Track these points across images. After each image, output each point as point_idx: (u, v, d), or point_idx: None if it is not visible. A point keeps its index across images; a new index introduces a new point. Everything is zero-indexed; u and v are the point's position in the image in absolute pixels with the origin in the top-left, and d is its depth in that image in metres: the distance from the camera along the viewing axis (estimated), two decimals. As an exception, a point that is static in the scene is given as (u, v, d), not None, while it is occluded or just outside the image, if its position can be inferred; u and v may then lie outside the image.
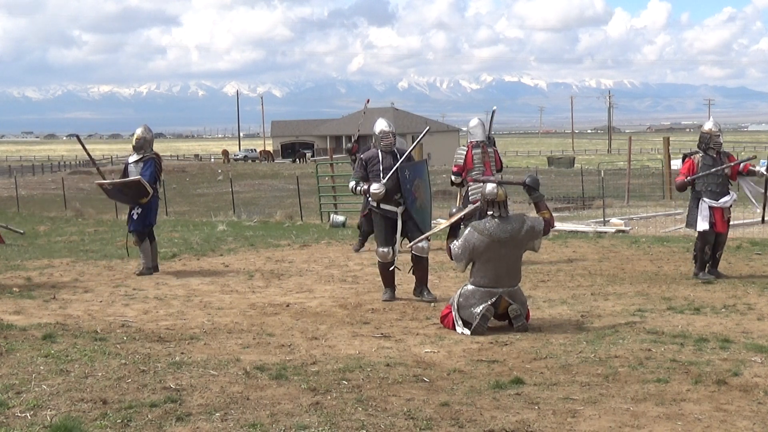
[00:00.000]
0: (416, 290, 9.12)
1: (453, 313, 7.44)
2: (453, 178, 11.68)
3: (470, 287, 7.45)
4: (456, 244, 7.54)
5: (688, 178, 10.10)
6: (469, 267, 7.56)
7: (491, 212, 7.48)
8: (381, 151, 9.06)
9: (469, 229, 7.53)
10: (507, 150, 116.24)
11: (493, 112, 12.57)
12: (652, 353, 6.42)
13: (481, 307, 7.27)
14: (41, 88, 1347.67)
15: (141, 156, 11.16)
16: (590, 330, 7.29)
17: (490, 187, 7.59)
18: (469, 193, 11.62)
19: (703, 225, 9.97)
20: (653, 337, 6.94)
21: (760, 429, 4.77)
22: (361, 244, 13.47)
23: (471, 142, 11.49)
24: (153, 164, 11.13)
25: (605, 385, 5.63)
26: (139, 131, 11.35)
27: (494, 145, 11.67)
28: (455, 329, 7.37)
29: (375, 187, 8.84)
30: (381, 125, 9.14)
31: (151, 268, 11.16)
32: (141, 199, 10.99)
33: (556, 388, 5.54)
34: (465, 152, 11.44)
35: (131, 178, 11.08)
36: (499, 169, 11.87)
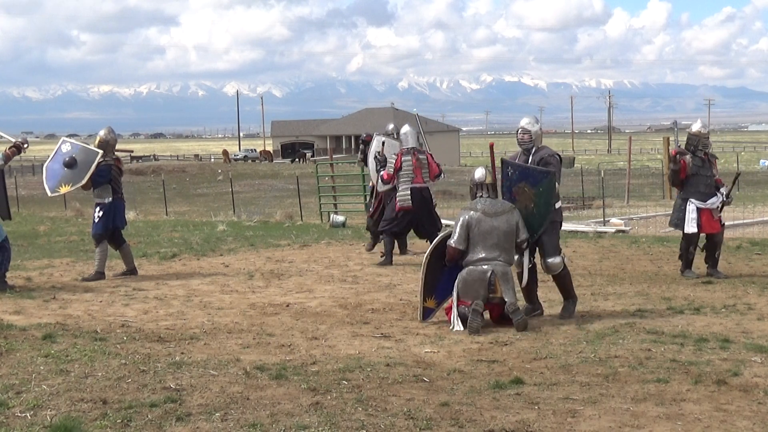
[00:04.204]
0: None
1: (453, 304, 7.60)
2: (381, 185, 11.97)
3: (466, 270, 7.66)
4: (453, 233, 7.79)
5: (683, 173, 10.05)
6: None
7: (480, 194, 7.92)
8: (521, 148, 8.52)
9: (461, 212, 7.93)
10: (507, 150, 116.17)
11: (417, 116, 12.81)
12: (652, 353, 6.43)
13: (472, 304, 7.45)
14: (41, 88, 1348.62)
15: (102, 159, 10.70)
16: (590, 330, 7.29)
17: (479, 173, 8.03)
18: (398, 199, 11.81)
19: (691, 228, 10.02)
20: (653, 337, 6.94)
21: (760, 429, 4.77)
22: (373, 245, 13.22)
23: (402, 149, 11.78)
24: (109, 171, 10.73)
25: (605, 385, 5.63)
26: (102, 133, 10.94)
27: (424, 152, 11.95)
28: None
29: None
30: (522, 122, 8.65)
31: (102, 273, 10.72)
32: (71, 182, 10.61)
33: (556, 388, 5.54)
34: (395, 160, 11.77)
35: (94, 149, 10.73)
36: (437, 175, 11.97)
